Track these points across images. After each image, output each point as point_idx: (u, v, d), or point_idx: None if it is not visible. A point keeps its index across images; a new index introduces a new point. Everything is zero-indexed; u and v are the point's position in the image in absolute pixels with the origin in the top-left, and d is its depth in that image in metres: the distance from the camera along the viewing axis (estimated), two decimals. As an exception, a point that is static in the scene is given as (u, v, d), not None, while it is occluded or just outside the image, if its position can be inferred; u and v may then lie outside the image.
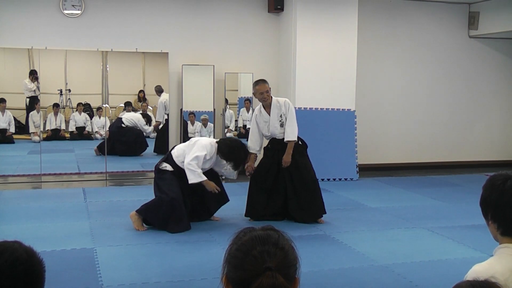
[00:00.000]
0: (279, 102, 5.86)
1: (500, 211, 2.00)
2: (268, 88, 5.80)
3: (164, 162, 5.69)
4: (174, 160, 5.63)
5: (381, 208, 6.74)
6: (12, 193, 7.34)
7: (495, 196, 2.01)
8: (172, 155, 5.67)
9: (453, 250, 5.09)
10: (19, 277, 1.42)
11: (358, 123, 8.93)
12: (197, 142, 5.58)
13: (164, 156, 5.85)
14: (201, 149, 5.50)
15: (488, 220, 2.04)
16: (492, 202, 2.02)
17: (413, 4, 9.78)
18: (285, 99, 5.95)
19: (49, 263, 2.27)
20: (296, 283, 1.44)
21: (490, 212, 2.03)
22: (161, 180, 5.64)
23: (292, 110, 5.85)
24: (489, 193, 2.03)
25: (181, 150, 5.65)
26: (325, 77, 8.63)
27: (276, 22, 9.10)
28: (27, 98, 9.06)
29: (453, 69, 10.14)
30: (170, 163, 5.65)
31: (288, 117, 5.80)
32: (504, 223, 1.99)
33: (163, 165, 5.68)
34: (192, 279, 4.20)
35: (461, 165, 10.07)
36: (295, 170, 5.85)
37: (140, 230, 5.52)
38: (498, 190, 2.01)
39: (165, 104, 9.04)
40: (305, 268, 4.10)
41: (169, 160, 5.67)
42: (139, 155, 9.47)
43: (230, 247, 1.45)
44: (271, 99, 5.86)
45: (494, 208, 2.01)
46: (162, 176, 5.65)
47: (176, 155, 5.64)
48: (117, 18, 8.49)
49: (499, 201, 2.00)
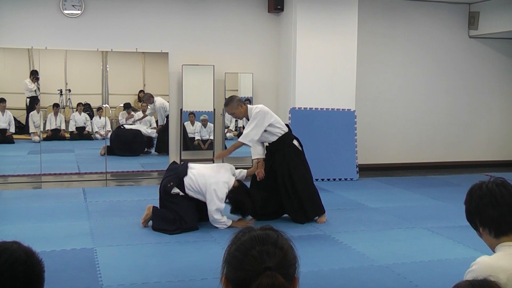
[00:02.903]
0: (252, 110, 5.81)
1: (485, 214, 2.07)
2: (232, 110, 5.80)
3: (175, 187, 5.51)
4: (186, 192, 5.51)
5: (381, 208, 6.74)
6: (12, 193, 7.34)
7: (475, 203, 2.10)
8: (185, 187, 5.49)
9: (453, 250, 5.09)
10: (18, 277, 1.42)
11: (358, 123, 8.93)
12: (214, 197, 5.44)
13: (173, 178, 5.57)
14: (222, 198, 5.47)
15: (478, 229, 2.10)
16: (475, 209, 2.10)
17: (413, 4, 9.77)
18: (257, 107, 5.82)
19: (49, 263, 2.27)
20: (295, 282, 1.44)
21: (477, 219, 2.11)
22: (175, 204, 5.51)
23: (255, 116, 5.73)
24: (470, 203, 2.13)
25: (196, 186, 5.49)
26: (325, 77, 8.63)
27: (276, 22, 9.10)
28: (27, 98, 9.07)
29: (453, 69, 10.14)
30: (181, 189, 5.52)
31: (249, 121, 5.77)
32: (493, 224, 2.05)
33: (174, 190, 5.51)
34: (192, 279, 4.20)
35: (461, 165, 10.07)
36: (289, 171, 5.86)
37: (142, 225, 5.58)
38: (477, 195, 2.10)
39: (163, 106, 9.08)
40: (305, 268, 4.11)
41: (180, 187, 5.51)
42: (139, 155, 9.48)
43: (229, 247, 1.45)
44: (243, 114, 5.85)
45: (479, 213, 2.09)
46: (175, 200, 5.52)
47: (189, 188, 5.50)
48: (117, 18, 8.49)
49: (480, 206, 2.09)
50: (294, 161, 5.89)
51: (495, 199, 2.04)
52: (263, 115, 5.75)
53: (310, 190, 5.95)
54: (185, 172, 5.54)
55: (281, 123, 5.94)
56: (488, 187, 2.07)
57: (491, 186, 2.07)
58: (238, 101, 5.86)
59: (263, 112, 5.77)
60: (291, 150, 5.90)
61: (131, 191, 7.55)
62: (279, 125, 5.88)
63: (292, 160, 5.88)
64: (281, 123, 5.95)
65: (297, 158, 5.92)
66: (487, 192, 2.06)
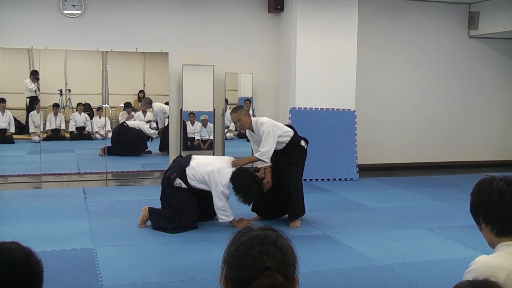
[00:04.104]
0: (257, 122, 5.75)
1: (491, 212, 2.02)
2: (239, 117, 5.70)
3: (178, 178, 5.51)
4: (188, 182, 5.51)
5: (381, 208, 6.74)
6: (12, 193, 7.34)
7: (483, 199, 2.03)
8: (187, 177, 5.49)
9: (453, 250, 5.09)
10: (17, 277, 1.42)
11: (358, 123, 8.93)
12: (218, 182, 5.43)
13: (175, 168, 5.59)
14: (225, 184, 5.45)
15: (481, 224, 2.07)
16: (481, 205, 2.05)
17: (413, 4, 9.77)
18: (263, 122, 5.73)
19: (49, 263, 2.27)
20: (295, 282, 1.44)
21: (481, 215, 2.06)
22: (178, 200, 5.52)
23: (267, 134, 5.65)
24: (477, 197, 2.06)
25: (199, 175, 5.48)
26: (325, 77, 8.63)
27: (276, 22, 9.10)
28: (27, 98, 9.07)
29: (453, 69, 10.14)
30: (183, 181, 5.52)
31: (263, 138, 5.69)
32: (497, 223, 2.02)
33: (176, 181, 5.52)
34: (192, 279, 4.20)
35: (461, 165, 10.07)
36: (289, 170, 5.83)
37: (140, 226, 5.58)
38: (486, 192, 2.04)
39: (162, 110, 9.09)
40: (305, 268, 4.11)
41: (183, 178, 5.51)
42: (140, 155, 9.48)
43: (229, 248, 1.45)
44: (248, 125, 5.77)
45: (484, 210, 2.04)
46: (177, 195, 5.53)
47: (192, 178, 5.49)
48: (117, 18, 8.49)
49: (488, 203, 2.03)
50: (297, 162, 5.86)
51: (503, 199, 1.98)
52: (273, 131, 5.69)
53: (299, 192, 5.88)
54: (187, 163, 5.55)
55: (286, 130, 5.87)
56: (499, 185, 2.01)
57: (501, 185, 2.01)
58: (245, 110, 5.85)
59: (271, 127, 5.69)
60: (297, 152, 5.87)
61: (131, 191, 7.55)
62: (286, 134, 5.84)
63: (296, 160, 5.85)
64: (286, 130, 5.88)
65: (299, 161, 5.89)
66: (497, 190, 2.00)
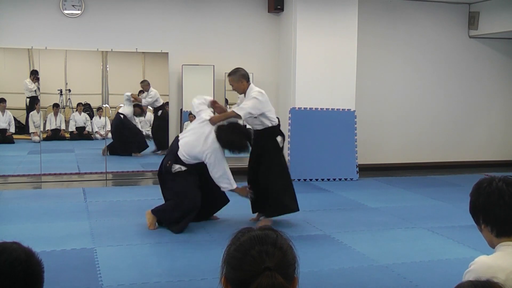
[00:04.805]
0: (252, 90, 5.72)
1: (490, 212, 2.02)
2: (234, 83, 5.75)
3: (174, 164, 5.52)
4: (183, 161, 5.51)
5: (381, 208, 6.74)
6: (12, 193, 7.34)
7: (483, 199, 2.03)
8: (181, 156, 5.50)
9: (453, 250, 5.09)
10: (18, 277, 1.42)
11: (358, 123, 8.93)
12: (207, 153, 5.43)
13: (169, 156, 5.62)
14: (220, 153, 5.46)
15: (481, 225, 2.06)
16: (481, 206, 2.04)
17: (413, 4, 9.77)
18: (258, 91, 5.71)
19: (49, 263, 2.27)
20: (295, 282, 1.44)
21: (480, 216, 2.05)
22: (177, 183, 5.52)
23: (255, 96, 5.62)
24: (476, 197, 2.06)
25: (189, 146, 5.48)
26: (325, 77, 8.63)
27: (276, 22, 9.10)
28: (27, 98, 9.07)
29: (453, 69, 10.14)
30: (180, 164, 5.54)
31: (247, 98, 5.69)
32: (496, 223, 2.01)
33: (175, 167, 5.53)
34: (192, 279, 4.20)
35: (461, 165, 10.07)
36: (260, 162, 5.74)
37: (151, 228, 5.54)
38: (485, 192, 2.03)
39: (158, 97, 9.10)
40: (305, 268, 4.11)
41: (178, 161, 5.53)
42: (138, 154, 9.48)
43: (229, 248, 1.45)
44: (241, 90, 5.78)
45: (484, 210, 2.03)
46: (176, 179, 5.53)
47: (186, 159, 5.49)
48: (117, 18, 8.49)
49: (487, 203, 2.02)
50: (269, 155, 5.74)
51: (502, 199, 1.98)
52: (260, 102, 5.63)
53: (275, 188, 5.71)
54: (177, 147, 5.57)
55: (273, 116, 5.80)
56: (498, 185, 2.00)
57: (501, 185, 2.00)
58: (241, 75, 5.76)
59: (261, 97, 5.66)
60: (269, 143, 5.77)
61: (131, 191, 7.55)
62: (272, 118, 5.76)
63: (268, 153, 5.74)
64: (274, 116, 5.81)
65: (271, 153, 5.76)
66: (496, 190, 2.00)
